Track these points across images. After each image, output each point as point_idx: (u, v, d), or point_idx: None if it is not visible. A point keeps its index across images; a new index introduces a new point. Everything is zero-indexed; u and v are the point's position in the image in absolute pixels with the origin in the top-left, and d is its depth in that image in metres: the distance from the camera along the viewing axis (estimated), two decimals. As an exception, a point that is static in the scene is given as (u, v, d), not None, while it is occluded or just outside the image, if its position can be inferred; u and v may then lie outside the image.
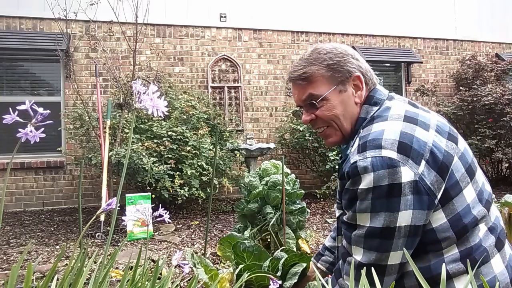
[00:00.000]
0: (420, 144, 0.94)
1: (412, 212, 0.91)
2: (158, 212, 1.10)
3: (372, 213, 0.94)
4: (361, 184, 0.94)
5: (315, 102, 1.09)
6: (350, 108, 1.10)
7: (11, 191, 5.50)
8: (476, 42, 7.93)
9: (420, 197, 0.91)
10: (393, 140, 0.94)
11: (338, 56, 1.09)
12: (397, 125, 0.98)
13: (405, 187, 0.90)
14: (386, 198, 0.92)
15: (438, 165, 0.94)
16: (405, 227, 0.92)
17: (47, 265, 3.10)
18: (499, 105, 6.22)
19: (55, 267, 0.80)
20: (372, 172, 0.92)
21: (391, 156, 0.92)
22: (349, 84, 1.09)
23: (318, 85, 1.09)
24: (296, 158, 6.37)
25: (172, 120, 4.91)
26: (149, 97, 0.77)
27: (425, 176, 0.92)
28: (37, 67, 6.00)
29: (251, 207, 3.18)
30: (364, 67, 1.12)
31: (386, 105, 1.08)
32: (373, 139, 0.97)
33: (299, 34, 6.88)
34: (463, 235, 0.96)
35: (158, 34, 6.21)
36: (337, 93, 1.09)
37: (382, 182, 0.91)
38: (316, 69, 1.08)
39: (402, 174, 0.91)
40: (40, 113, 0.69)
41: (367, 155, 0.94)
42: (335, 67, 1.08)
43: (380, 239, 0.94)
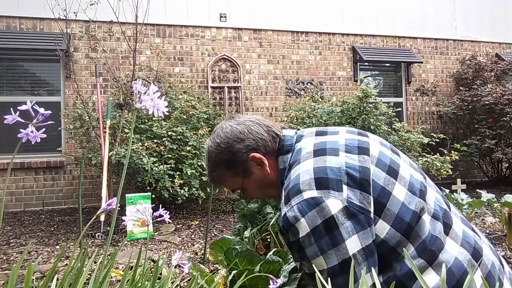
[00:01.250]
0: (335, 172, 0.96)
1: (357, 235, 0.92)
2: (158, 212, 1.10)
3: (323, 254, 0.93)
4: (299, 233, 0.94)
5: (240, 194, 1.20)
6: (266, 182, 1.14)
7: (11, 191, 5.50)
8: (476, 42, 7.93)
9: (356, 219, 0.92)
10: (309, 180, 0.96)
11: (225, 153, 1.12)
12: (309, 164, 1.00)
13: (338, 217, 0.92)
14: (326, 235, 0.92)
15: (358, 183, 0.96)
16: (359, 252, 0.92)
17: (47, 265, 3.10)
18: (499, 105, 6.23)
19: (55, 267, 0.80)
20: (302, 218, 0.93)
21: (312, 196, 0.93)
22: (251, 166, 1.12)
23: (231, 183, 1.17)
24: (296, 158, 6.37)
25: (172, 120, 4.91)
26: (149, 97, 0.77)
27: (352, 198, 0.93)
28: (37, 67, 6.00)
29: (251, 207, 3.18)
30: (253, 142, 1.11)
31: (297, 148, 1.09)
32: (293, 187, 0.98)
33: (299, 34, 6.88)
34: (411, 233, 0.96)
35: (158, 34, 6.21)
36: (247, 180, 1.14)
37: (315, 222, 0.92)
38: (219, 174, 1.16)
39: (329, 207, 0.92)
40: (41, 113, 0.69)
41: (292, 204, 0.95)
42: (230, 164, 1.13)
43: (343, 275, 0.93)
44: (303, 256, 0.98)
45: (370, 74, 7.75)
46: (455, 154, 5.54)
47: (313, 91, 6.57)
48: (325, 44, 7.02)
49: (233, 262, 1.47)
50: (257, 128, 1.13)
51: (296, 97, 6.72)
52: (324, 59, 6.99)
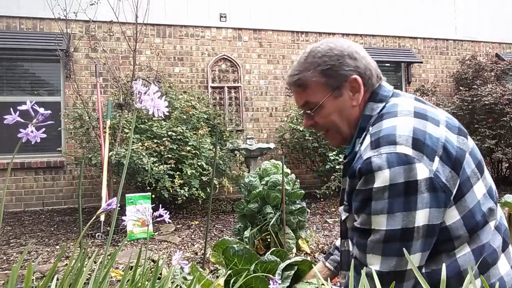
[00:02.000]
0: (433, 141, 0.92)
1: (429, 210, 0.88)
2: (158, 212, 1.10)
3: (389, 214, 0.88)
4: (375, 183, 0.89)
5: (310, 111, 1.09)
6: (347, 112, 1.07)
7: (11, 191, 5.50)
8: (476, 42, 7.93)
9: (436, 194, 0.88)
10: (407, 136, 0.91)
11: (333, 59, 1.04)
12: (409, 121, 0.95)
13: (421, 184, 0.87)
14: (403, 196, 0.88)
15: (452, 161, 0.91)
16: (423, 227, 0.88)
17: (47, 265, 3.10)
18: (499, 105, 6.22)
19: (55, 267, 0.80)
20: (388, 169, 0.88)
21: (406, 153, 0.89)
22: (345, 88, 1.05)
23: (313, 92, 1.07)
24: (296, 158, 6.37)
25: (172, 120, 4.91)
26: (150, 97, 0.77)
27: (440, 173, 0.89)
28: (37, 67, 6.00)
29: (251, 207, 3.19)
30: (363, 66, 1.06)
31: (392, 102, 1.05)
32: (386, 135, 0.93)
33: (299, 34, 6.88)
34: (475, 233, 0.93)
35: (158, 34, 6.21)
36: (332, 99, 1.06)
37: (398, 179, 0.87)
38: (310, 76, 1.06)
39: (418, 171, 0.87)
40: (41, 113, 0.69)
41: (381, 151, 0.90)
42: (330, 72, 1.04)
43: (400, 243, 0.88)
44: (363, 207, 0.93)
45: (370, 74, 7.74)
46: (455, 154, 5.53)
47: (313, 91, 6.56)
48: (325, 44, 7.02)
49: (233, 262, 1.46)
50: (370, 60, 1.09)
51: (296, 97, 6.71)
52: (324, 59, 6.98)
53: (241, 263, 1.46)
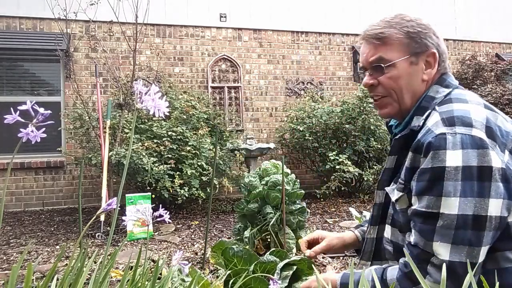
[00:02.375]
0: (503, 133, 0.89)
1: (502, 201, 0.83)
2: (158, 212, 1.10)
3: (462, 197, 0.82)
4: (447, 161, 0.84)
5: (382, 65, 1.02)
6: (415, 83, 1.03)
7: (11, 191, 5.50)
8: (476, 42, 7.93)
9: (508, 185, 0.84)
10: (482, 122, 0.88)
11: (421, 27, 1.03)
12: (482, 110, 0.92)
13: (495, 172, 0.83)
14: (476, 180, 0.83)
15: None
16: (495, 218, 0.83)
17: (47, 265, 3.10)
18: (499, 105, 6.23)
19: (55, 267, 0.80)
20: (461, 150, 0.83)
21: (482, 137, 0.85)
22: (422, 58, 1.02)
23: (392, 50, 1.02)
24: (296, 158, 6.37)
25: (172, 120, 4.91)
26: (151, 97, 0.77)
27: (510, 165, 0.86)
28: (37, 67, 6.00)
29: (251, 207, 3.19)
30: (442, 47, 1.05)
31: (458, 91, 1.02)
32: (461, 116, 0.89)
33: (299, 34, 6.88)
34: None
35: (158, 34, 6.21)
36: (408, 63, 1.02)
37: (471, 162, 0.83)
38: (395, 32, 1.03)
39: (491, 157, 0.83)
40: (41, 113, 0.69)
41: (456, 131, 0.86)
42: (414, 36, 1.02)
43: (472, 230, 0.82)
44: (431, 188, 0.86)
45: (370, 74, 7.75)
46: (455, 154, 5.53)
47: (313, 91, 6.57)
48: (325, 44, 7.02)
49: (232, 263, 1.46)
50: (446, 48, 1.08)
51: (296, 97, 6.72)
52: (324, 59, 6.99)
53: (241, 264, 1.46)
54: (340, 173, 5.15)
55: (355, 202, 5.45)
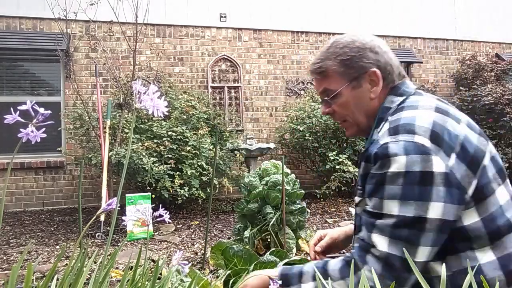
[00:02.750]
0: (451, 137, 0.91)
1: (444, 205, 0.87)
2: (158, 212, 1.10)
3: (402, 200, 0.88)
4: (391, 167, 0.89)
5: (327, 98, 1.10)
6: (364, 104, 1.07)
7: (11, 191, 5.50)
8: (476, 42, 7.93)
9: (451, 190, 0.87)
10: (426, 128, 0.91)
11: (354, 51, 1.06)
12: (430, 114, 0.95)
13: (437, 176, 0.86)
14: (417, 185, 0.87)
15: (468, 159, 0.91)
16: (436, 220, 0.87)
17: (47, 265, 3.10)
18: (499, 105, 6.23)
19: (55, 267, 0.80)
20: (404, 156, 0.88)
21: (424, 143, 0.89)
22: (364, 80, 1.06)
23: (332, 81, 1.08)
24: (296, 158, 6.37)
25: (172, 120, 4.91)
26: (149, 97, 0.77)
27: (455, 170, 0.88)
28: (37, 67, 6.00)
29: (251, 207, 3.19)
30: (383, 61, 1.07)
31: (414, 98, 1.05)
32: (405, 124, 0.93)
33: (299, 34, 6.88)
34: (497, 239, 0.91)
35: (158, 34, 6.21)
36: (350, 89, 1.07)
37: (414, 167, 0.87)
38: (330, 64, 1.08)
39: (434, 163, 0.87)
40: (41, 113, 0.69)
41: (399, 139, 0.91)
42: (349, 63, 1.06)
43: (409, 230, 0.88)
44: (376, 191, 0.92)
45: (370, 74, 7.75)
46: (455, 154, 5.53)
47: (313, 91, 6.56)
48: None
49: (232, 262, 1.46)
50: (393, 56, 1.10)
51: (296, 97, 6.72)
52: (324, 59, 6.98)
53: (241, 263, 1.46)
54: (340, 173, 5.15)
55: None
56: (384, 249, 0.90)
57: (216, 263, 1.77)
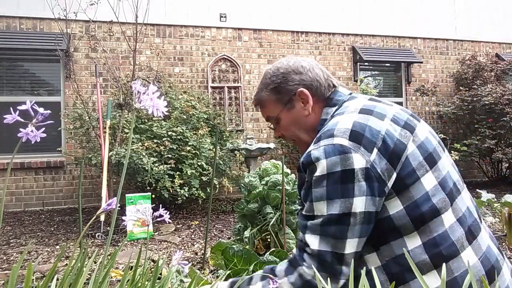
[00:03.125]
0: (373, 133, 0.96)
1: (365, 198, 0.93)
2: (158, 212, 1.10)
3: (328, 200, 0.95)
4: (316, 172, 0.96)
5: (269, 124, 1.23)
6: (301, 122, 1.16)
7: (11, 191, 5.50)
8: (476, 42, 7.93)
9: (371, 183, 0.93)
10: (345, 129, 0.97)
11: (279, 77, 1.16)
12: (352, 117, 1.01)
13: (358, 173, 0.93)
14: (340, 184, 0.93)
15: (389, 154, 0.95)
16: (360, 214, 0.93)
17: (47, 265, 3.10)
18: (499, 105, 6.23)
19: (55, 267, 0.80)
20: (325, 159, 0.95)
21: (342, 144, 0.95)
22: (296, 100, 1.15)
23: (270, 109, 1.20)
24: (296, 158, 6.37)
25: (172, 120, 4.91)
26: (149, 97, 0.77)
27: (376, 164, 0.94)
28: (37, 67, 6.00)
29: (251, 207, 3.18)
30: (308, 79, 1.15)
31: (345, 104, 1.12)
32: (327, 130, 1.01)
33: (299, 34, 6.88)
34: (422, 225, 0.95)
35: (158, 34, 6.21)
36: (286, 112, 1.17)
37: (335, 168, 0.94)
38: (264, 95, 1.19)
39: (354, 160, 0.93)
40: (41, 113, 0.69)
41: (320, 144, 0.98)
42: (278, 89, 1.16)
43: (336, 226, 0.94)
44: (307, 195, 1.00)
45: (370, 74, 7.75)
46: (455, 154, 5.54)
47: (313, 91, 6.57)
48: (325, 44, 7.02)
49: (232, 262, 1.46)
50: (319, 71, 1.17)
51: (296, 97, 6.72)
52: (324, 59, 6.99)
53: (241, 263, 1.46)
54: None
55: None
56: (315, 247, 0.97)
57: (215, 263, 1.77)
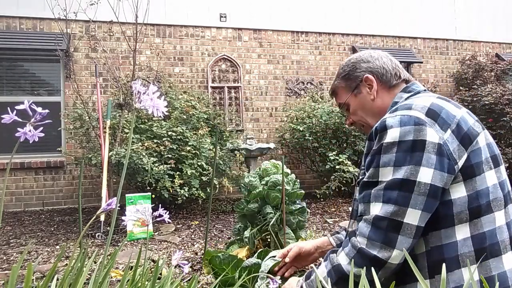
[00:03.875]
0: (449, 115, 1.00)
1: (434, 171, 0.93)
2: (158, 212, 1.10)
3: (395, 166, 0.96)
4: (386, 138, 0.98)
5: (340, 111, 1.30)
6: (368, 106, 1.23)
7: (11, 191, 5.50)
8: (476, 42, 7.93)
9: (442, 158, 0.94)
10: (423, 106, 1.01)
11: (349, 66, 1.26)
12: (430, 98, 1.06)
13: (429, 145, 0.94)
14: (410, 152, 0.95)
15: (462, 135, 0.98)
16: (425, 185, 0.93)
17: (47, 265, 3.10)
18: (499, 105, 6.22)
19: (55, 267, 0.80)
20: (399, 127, 0.97)
21: (418, 116, 0.98)
22: (362, 86, 1.23)
23: (340, 96, 1.30)
24: (296, 158, 6.37)
25: (172, 120, 4.91)
26: (149, 97, 0.77)
27: (449, 142, 0.96)
28: (37, 67, 6.00)
29: (251, 207, 3.18)
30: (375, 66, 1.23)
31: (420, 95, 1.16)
32: (405, 104, 1.06)
33: (299, 34, 6.88)
34: (476, 217, 0.96)
35: (158, 34, 6.21)
36: (354, 97, 1.25)
37: (407, 137, 0.96)
38: (336, 83, 1.30)
39: (427, 133, 0.95)
40: (39, 112, 0.69)
41: (397, 114, 1.01)
42: (347, 77, 1.26)
43: (399, 191, 0.94)
44: (373, 161, 1.01)
45: (370, 74, 7.74)
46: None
47: (313, 91, 6.57)
48: (325, 44, 7.02)
49: (221, 269, 1.46)
50: (387, 60, 1.24)
51: (296, 97, 6.72)
52: (324, 59, 6.99)
53: (231, 270, 1.45)
54: (340, 173, 5.15)
55: (355, 202, 5.45)
56: (374, 213, 0.97)
57: (208, 271, 1.77)
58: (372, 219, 0.97)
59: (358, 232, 1.00)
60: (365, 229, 0.98)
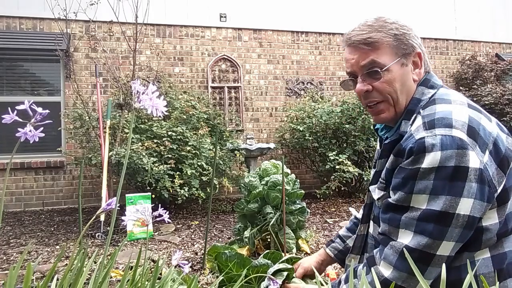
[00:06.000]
0: (486, 133, 0.90)
1: (474, 201, 0.85)
2: (158, 212, 1.09)
3: (432, 195, 0.86)
4: (424, 163, 0.87)
5: (379, 70, 1.00)
6: (408, 84, 1.03)
7: (11, 191, 5.50)
8: (476, 42, 7.93)
9: (482, 186, 0.86)
10: (463, 122, 0.89)
11: (404, 28, 1.03)
12: (465, 110, 0.93)
13: (471, 172, 0.85)
14: (450, 180, 0.85)
15: (500, 158, 0.90)
16: (464, 217, 0.85)
17: (47, 265, 3.10)
18: (499, 105, 6.23)
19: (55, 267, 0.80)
20: (440, 151, 0.85)
21: (462, 137, 0.86)
22: (410, 59, 1.03)
23: (383, 53, 1.00)
24: (296, 158, 6.37)
25: (172, 120, 4.91)
26: (148, 96, 0.76)
27: (488, 166, 0.87)
28: (37, 67, 6.00)
29: (251, 207, 3.18)
30: (423, 47, 1.07)
31: (443, 91, 1.03)
32: (442, 118, 0.91)
33: (299, 34, 6.88)
34: (499, 239, 0.92)
35: (158, 34, 6.21)
36: (399, 65, 1.01)
37: (448, 162, 0.85)
38: (383, 36, 1.01)
39: (470, 158, 0.85)
40: (39, 112, 0.69)
41: (436, 133, 0.88)
42: (401, 38, 1.02)
43: (435, 224, 0.86)
44: (404, 185, 0.90)
45: (370, 74, 7.74)
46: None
47: (313, 91, 6.57)
48: (325, 44, 7.02)
49: (228, 267, 1.45)
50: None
51: (296, 97, 6.72)
52: (324, 59, 6.99)
53: (235, 268, 1.45)
54: (340, 173, 5.15)
55: (355, 202, 5.45)
56: (405, 242, 0.89)
57: (212, 267, 1.76)
58: (401, 248, 0.89)
59: (383, 258, 0.93)
60: (392, 257, 0.91)
